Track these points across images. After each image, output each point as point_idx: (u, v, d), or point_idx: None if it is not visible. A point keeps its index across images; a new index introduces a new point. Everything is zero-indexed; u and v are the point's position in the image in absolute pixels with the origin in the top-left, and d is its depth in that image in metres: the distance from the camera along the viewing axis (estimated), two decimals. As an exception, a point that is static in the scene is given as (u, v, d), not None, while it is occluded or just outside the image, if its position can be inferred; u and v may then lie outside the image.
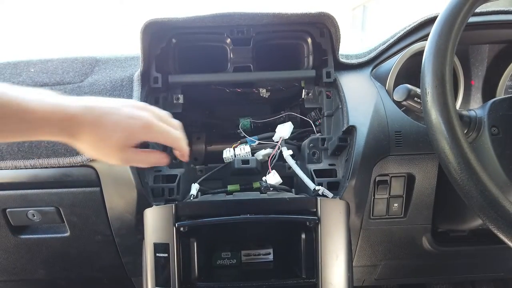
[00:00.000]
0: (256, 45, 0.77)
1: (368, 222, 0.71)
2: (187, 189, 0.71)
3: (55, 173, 0.67)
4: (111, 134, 0.46)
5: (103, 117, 0.46)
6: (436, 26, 0.50)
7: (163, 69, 0.75)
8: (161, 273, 0.59)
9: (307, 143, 0.72)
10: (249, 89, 0.85)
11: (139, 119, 0.48)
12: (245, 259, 0.67)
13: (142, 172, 0.64)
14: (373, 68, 0.79)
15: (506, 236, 0.44)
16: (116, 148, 0.47)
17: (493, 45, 0.85)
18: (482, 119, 0.55)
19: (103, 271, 0.82)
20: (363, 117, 0.67)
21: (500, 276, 1.02)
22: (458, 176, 0.45)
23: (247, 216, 0.59)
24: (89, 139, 0.46)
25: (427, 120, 0.49)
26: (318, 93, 0.79)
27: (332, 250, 0.59)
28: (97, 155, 0.48)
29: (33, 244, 0.75)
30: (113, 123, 0.46)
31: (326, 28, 0.74)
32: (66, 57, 0.80)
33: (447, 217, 0.75)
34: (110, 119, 0.46)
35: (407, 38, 0.78)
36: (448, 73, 0.48)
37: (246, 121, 0.84)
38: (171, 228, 0.58)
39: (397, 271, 0.88)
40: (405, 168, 0.67)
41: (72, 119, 0.44)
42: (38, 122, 0.42)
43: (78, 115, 0.44)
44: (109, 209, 0.68)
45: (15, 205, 0.70)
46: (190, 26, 0.73)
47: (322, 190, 0.63)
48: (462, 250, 0.81)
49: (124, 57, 0.81)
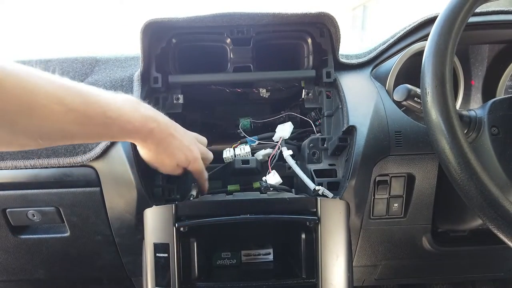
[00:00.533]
0: (256, 45, 0.77)
1: (368, 222, 0.71)
2: (187, 189, 0.71)
3: (55, 173, 0.67)
4: (175, 153, 0.56)
5: (174, 135, 0.55)
6: (436, 26, 0.50)
7: (163, 69, 0.75)
8: (161, 273, 0.59)
9: (307, 143, 0.72)
10: (249, 89, 0.85)
11: (195, 151, 0.59)
12: (245, 259, 0.67)
13: (142, 172, 0.64)
14: (373, 68, 0.79)
15: (506, 236, 0.44)
16: (173, 165, 0.57)
17: (493, 45, 0.85)
18: (482, 119, 0.55)
19: (103, 271, 0.82)
20: (363, 117, 0.67)
21: (500, 276, 1.02)
22: (458, 176, 0.45)
23: (247, 216, 0.59)
24: (156, 151, 0.55)
25: (427, 120, 0.49)
26: (318, 93, 0.79)
27: (332, 250, 0.59)
28: (154, 163, 0.57)
29: (33, 244, 0.75)
30: (178, 146, 0.56)
31: (326, 28, 0.74)
32: (66, 57, 0.80)
33: (447, 217, 0.75)
34: (177, 141, 0.56)
35: (407, 38, 0.78)
36: (448, 73, 0.48)
37: (246, 121, 0.84)
38: (171, 228, 0.58)
39: (397, 271, 0.88)
40: (405, 168, 0.67)
41: (149, 134, 0.51)
42: (117, 131, 0.48)
43: (155, 130, 0.52)
44: (109, 209, 0.68)
45: (15, 205, 0.70)
46: (190, 26, 0.73)
47: (322, 190, 0.63)
48: (462, 250, 0.81)
49: (124, 57, 0.81)
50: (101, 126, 0.46)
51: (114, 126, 0.47)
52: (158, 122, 0.53)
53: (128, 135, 0.51)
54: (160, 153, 0.56)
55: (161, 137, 0.54)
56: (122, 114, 0.47)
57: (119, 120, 0.47)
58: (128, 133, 0.50)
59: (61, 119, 0.41)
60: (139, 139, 0.53)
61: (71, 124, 0.42)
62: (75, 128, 0.43)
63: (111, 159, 0.65)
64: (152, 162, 0.58)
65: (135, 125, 0.49)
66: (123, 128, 0.48)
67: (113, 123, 0.46)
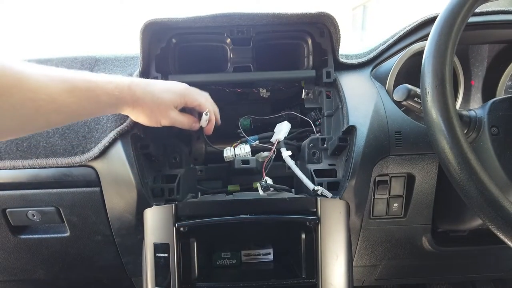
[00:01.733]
0: (256, 45, 0.77)
1: (368, 222, 0.71)
2: (187, 189, 0.71)
3: (55, 173, 0.67)
4: (163, 95, 0.57)
5: (151, 85, 0.57)
6: (436, 26, 0.50)
7: (163, 69, 0.75)
8: (161, 273, 0.59)
9: (307, 143, 0.72)
10: (249, 89, 0.85)
11: (181, 84, 0.62)
12: (245, 259, 0.67)
13: (142, 172, 0.64)
14: (373, 68, 0.79)
15: (506, 236, 0.44)
16: (168, 108, 0.58)
17: (493, 45, 0.85)
18: (482, 119, 0.55)
19: (103, 271, 0.82)
20: (363, 117, 0.67)
21: (500, 276, 1.02)
22: (458, 176, 0.45)
23: (247, 216, 0.59)
24: (146, 105, 0.56)
25: (427, 120, 0.49)
26: (318, 93, 0.79)
27: (332, 250, 0.59)
28: (150, 119, 0.58)
29: (33, 244, 0.75)
30: (161, 88, 0.57)
31: (326, 28, 0.74)
32: (65, 57, 0.80)
33: (447, 217, 0.75)
34: (157, 85, 0.57)
35: (407, 38, 0.78)
36: (448, 73, 0.48)
37: (246, 120, 0.84)
38: (171, 228, 0.58)
39: (397, 271, 0.88)
40: (405, 168, 0.67)
41: (130, 93, 0.54)
42: (106, 101, 0.51)
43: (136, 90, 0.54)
44: (109, 209, 0.68)
45: (15, 205, 0.70)
46: (190, 26, 0.73)
47: (321, 190, 0.63)
48: (462, 250, 0.81)
49: (123, 57, 0.81)
50: (86, 91, 0.48)
51: (98, 90, 0.50)
52: (135, 81, 0.56)
53: (117, 104, 0.54)
54: (150, 108, 0.57)
55: (144, 92, 0.55)
56: (106, 79, 0.52)
57: (103, 83, 0.51)
58: (116, 102, 0.53)
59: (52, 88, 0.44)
60: (128, 106, 0.55)
61: (61, 93, 0.45)
62: (65, 96, 0.45)
63: (111, 159, 0.65)
64: (152, 123, 0.60)
65: (121, 89, 0.52)
66: (110, 94, 0.51)
67: (96, 87, 0.50)
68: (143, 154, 0.67)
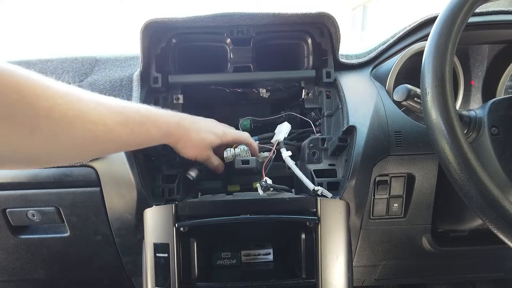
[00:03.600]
0: (256, 45, 0.77)
1: (368, 222, 0.71)
2: (187, 189, 0.71)
3: (55, 173, 0.67)
4: (206, 135, 0.62)
5: (197, 123, 0.62)
6: (436, 26, 0.50)
7: (163, 69, 0.75)
8: (161, 273, 0.59)
9: (307, 143, 0.72)
10: (249, 89, 0.85)
11: (221, 125, 0.68)
12: (245, 259, 0.67)
13: (142, 172, 0.64)
14: (373, 68, 0.79)
15: (506, 236, 0.44)
16: (207, 146, 0.63)
17: (493, 45, 0.85)
18: (482, 119, 0.55)
19: (103, 271, 0.82)
20: (363, 117, 0.67)
21: (500, 276, 1.01)
22: (458, 176, 0.45)
23: (247, 216, 0.59)
24: (190, 141, 0.60)
25: (427, 120, 0.49)
26: (318, 93, 0.79)
27: (332, 250, 0.59)
28: (193, 153, 0.62)
29: (33, 244, 0.75)
30: (205, 128, 0.63)
31: (326, 28, 0.74)
32: (65, 57, 0.80)
33: (447, 217, 0.75)
34: (202, 125, 0.63)
35: (407, 38, 0.78)
36: (448, 73, 0.48)
37: (246, 120, 0.84)
38: (171, 228, 0.58)
39: (397, 271, 0.88)
40: (405, 168, 0.67)
41: (178, 129, 0.58)
42: (155, 134, 0.55)
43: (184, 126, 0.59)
44: (109, 209, 0.68)
45: (15, 205, 0.70)
46: (190, 26, 0.73)
47: (321, 190, 0.63)
48: (462, 250, 0.81)
49: (123, 57, 0.81)
50: (138, 125, 0.51)
51: (149, 123, 0.53)
52: (184, 118, 0.60)
53: (164, 137, 0.57)
54: (193, 144, 0.61)
55: (190, 129, 0.60)
56: (156, 114, 0.55)
57: (154, 117, 0.54)
58: (164, 136, 0.56)
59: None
60: (174, 139, 0.59)
61: (117, 125, 0.48)
62: (120, 128, 0.48)
63: (111, 159, 0.65)
64: (189, 156, 0.63)
65: (169, 124, 0.57)
66: (159, 128, 0.55)
67: (148, 120, 0.53)
68: (143, 154, 0.67)
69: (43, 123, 0.39)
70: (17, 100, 0.37)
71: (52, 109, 0.40)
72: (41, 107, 0.39)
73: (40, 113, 0.39)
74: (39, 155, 0.42)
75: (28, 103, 0.37)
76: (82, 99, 0.44)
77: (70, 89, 0.43)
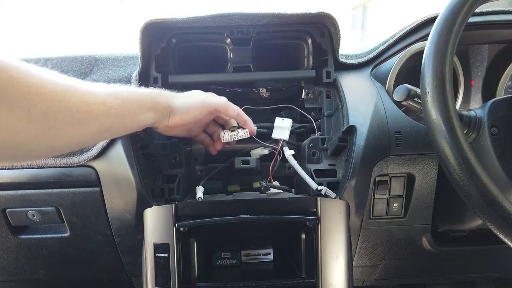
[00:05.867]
0: (256, 45, 0.77)
1: (368, 222, 0.71)
2: (187, 189, 0.71)
3: (55, 173, 0.67)
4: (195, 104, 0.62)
5: (179, 94, 0.62)
6: (436, 26, 0.50)
7: (163, 69, 0.75)
8: (161, 273, 0.59)
9: (307, 143, 0.72)
10: (249, 89, 0.85)
11: (221, 97, 0.66)
12: (245, 259, 0.67)
13: (142, 172, 0.64)
14: (373, 68, 0.79)
15: (506, 236, 0.44)
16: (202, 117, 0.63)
17: (493, 45, 0.85)
18: (482, 119, 0.55)
19: (103, 271, 0.82)
20: (363, 117, 0.67)
21: (500, 276, 1.02)
22: (458, 176, 0.45)
23: (247, 216, 0.59)
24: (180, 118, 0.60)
25: (427, 120, 0.49)
26: (318, 93, 0.79)
27: (332, 250, 0.59)
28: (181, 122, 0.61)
29: (33, 244, 0.75)
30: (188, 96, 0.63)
31: (326, 28, 0.74)
32: (65, 56, 0.80)
33: (447, 217, 0.75)
34: (197, 97, 0.63)
35: (407, 38, 0.78)
36: (448, 73, 0.48)
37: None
38: (171, 228, 0.58)
39: (397, 271, 0.88)
40: (405, 168, 0.67)
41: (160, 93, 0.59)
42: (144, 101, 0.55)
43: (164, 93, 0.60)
44: (109, 209, 0.68)
45: (15, 205, 0.70)
46: (190, 26, 0.73)
47: (324, 190, 0.62)
48: (462, 250, 0.81)
49: (123, 57, 0.81)
50: (127, 94, 0.52)
51: (137, 93, 0.54)
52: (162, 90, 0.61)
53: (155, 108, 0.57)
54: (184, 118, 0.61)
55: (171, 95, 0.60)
56: (140, 88, 0.57)
57: (140, 90, 0.56)
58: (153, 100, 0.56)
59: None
60: (159, 114, 0.58)
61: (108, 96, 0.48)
62: (111, 98, 0.49)
63: (111, 159, 0.65)
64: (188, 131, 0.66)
65: (153, 99, 0.56)
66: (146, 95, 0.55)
67: (136, 91, 0.54)
68: (143, 154, 0.67)
69: (36, 100, 0.39)
70: (5, 79, 0.36)
71: (41, 85, 0.40)
72: (29, 82, 0.38)
73: (31, 89, 0.38)
74: (39, 141, 0.41)
75: (16, 82, 0.37)
76: (67, 77, 0.45)
77: (51, 71, 0.44)
